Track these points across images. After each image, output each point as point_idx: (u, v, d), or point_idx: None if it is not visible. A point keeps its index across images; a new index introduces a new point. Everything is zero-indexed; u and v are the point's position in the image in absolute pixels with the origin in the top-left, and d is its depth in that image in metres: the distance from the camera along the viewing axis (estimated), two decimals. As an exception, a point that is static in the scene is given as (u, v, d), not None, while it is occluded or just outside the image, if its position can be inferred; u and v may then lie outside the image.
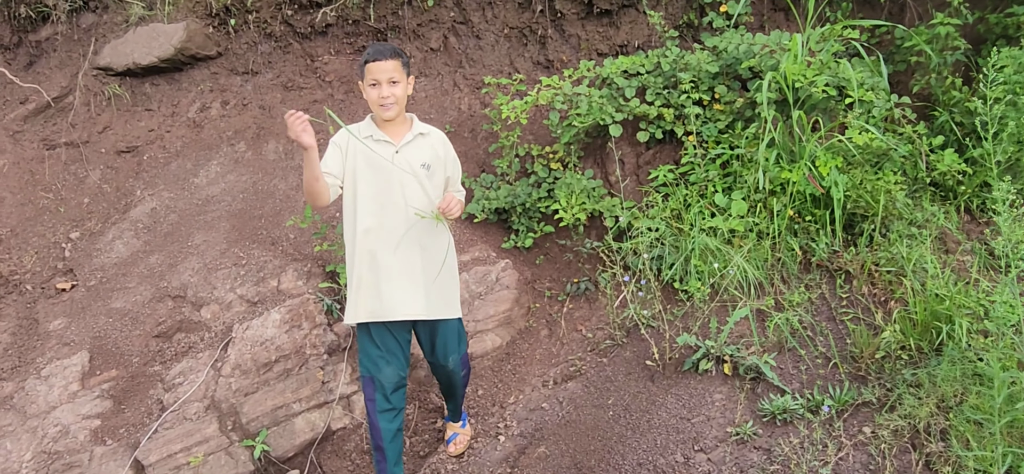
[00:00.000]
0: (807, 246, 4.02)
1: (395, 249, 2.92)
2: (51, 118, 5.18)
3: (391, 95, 2.82)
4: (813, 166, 3.96)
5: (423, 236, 2.98)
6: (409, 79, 2.93)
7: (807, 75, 3.98)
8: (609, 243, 4.37)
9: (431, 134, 3.04)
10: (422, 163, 2.96)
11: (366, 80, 2.84)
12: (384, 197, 2.90)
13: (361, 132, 2.93)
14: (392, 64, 2.82)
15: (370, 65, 2.81)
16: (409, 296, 2.94)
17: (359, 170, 2.93)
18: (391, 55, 2.82)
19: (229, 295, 3.97)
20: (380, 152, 2.90)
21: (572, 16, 5.09)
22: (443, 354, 3.11)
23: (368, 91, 2.84)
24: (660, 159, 4.66)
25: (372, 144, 2.90)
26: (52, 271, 4.43)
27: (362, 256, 2.95)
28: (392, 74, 2.82)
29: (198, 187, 4.83)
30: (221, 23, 5.22)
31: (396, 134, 2.94)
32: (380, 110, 2.85)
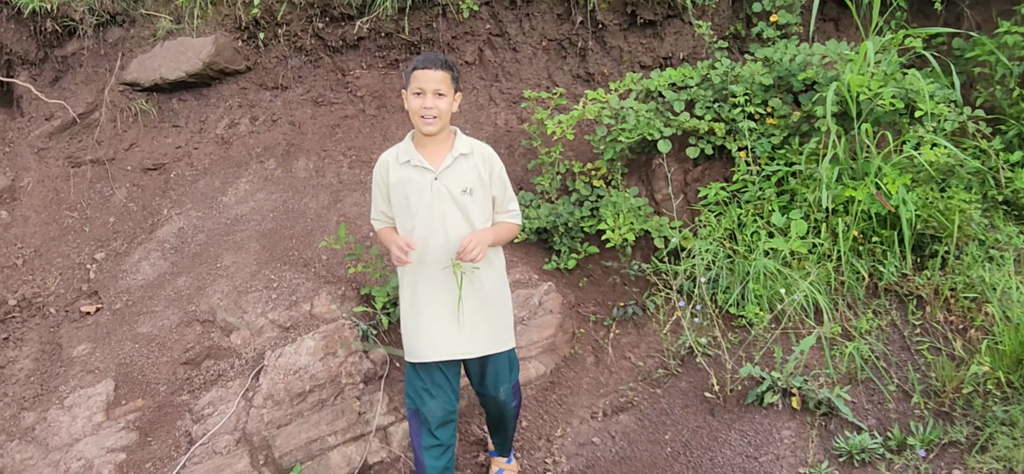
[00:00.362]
0: (873, 269, 3.76)
1: (437, 284, 2.71)
2: (77, 135, 5.04)
3: (434, 108, 2.60)
4: (879, 183, 3.71)
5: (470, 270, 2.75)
6: (457, 96, 2.72)
7: (871, 86, 3.74)
8: (658, 265, 4.13)
9: (473, 152, 2.78)
10: (463, 188, 2.71)
11: (411, 87, 2.63)
12: (425, 229, 2.69)
13: (400, 157, 2.73)
14: (441, 75, 2.61)
15: (417, 72, 2.60)
16: (452, 335, 2.73)
17: (401, 200, 2.74)
18: (441, 65, 2.62)
19: (260, 320, 3.78)
20: (418, 180, 2.69)
21: (614, 27, 4.88)
22: (494, 384, 2.87)
23: (411, 100, 2.63)
24: (709, 176, 4.43)
25: (410, 171, 2.70)
26: (76, 293, 4.26)
27: (405, 291, 2.79)
28: (439, 85, 2.60)
29: (226, 206, 4.66)
30: (250, 37, 5.07)
31: (436, 156, 2.71)
32: (421, 123, 2.63)
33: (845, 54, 3.88)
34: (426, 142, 2.70)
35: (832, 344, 3.47)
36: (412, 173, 2.69)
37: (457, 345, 2.74)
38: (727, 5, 4.90)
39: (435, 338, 2.70)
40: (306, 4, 4.93)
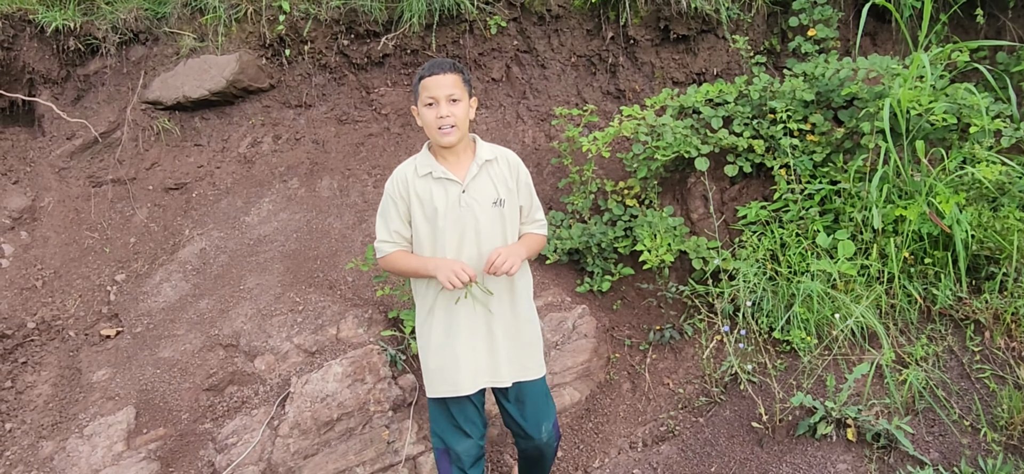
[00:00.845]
0: (926, 292, 3.58)
1: (472, 307, 2.52)
2: (98, 154, 4.97)
3: (450, 115, 2.39)
4: (932, 202, 3.54)
5: (505, 290, 2.57)
6: (472, 100, 2.53)
7: (922, 101, 3.58)
8: (697, 287, 3.97)
9: (498, 158, 2.58)
10: (494, 199, 2.52)
11: (421, 99, 2.44)
12: (456, 247, 2.48)
13: (419, 170, 2.51)
14: (451, 79, 2.41)
15: (426, 81, 2.41)
16: (488, 362, 2.55)
17: (424, 217, 2.50)
18: (450, 69, 2.43)
19: (285, 344, 3.65)
20: (444, 194, 2.47)
21: (645, 43, 4.75)
22: (535, 423, 2.65)
23: (424, 113, 2.44)
24: (748, 195, 4.27)
25: (432, 184, 2.48)
26: (96, 316, 4.15)
27: (436, 319, 2.55)
28: (452, 90, 2.40)
29: (249, 226, 4.55)
30: (274, 54, 4.98)
31: (460, 167, 2.51)
32: (438, 135, 2.42)
33: (892, 68, 3.72)
34: (446, 153, 2.50)
35: (886, 371, 3.29)
36: (435, 186, 2.48)
37: (497, 372, 2.56)
38: (762, 19, 4.77)
39: (478, 367, 2.53)
40: (331, 21, 4.85)
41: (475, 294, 2.50)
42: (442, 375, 2.54)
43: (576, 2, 4.74)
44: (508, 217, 2.55)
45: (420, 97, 2.44)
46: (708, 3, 4.42)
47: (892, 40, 5.12)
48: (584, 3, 4.71)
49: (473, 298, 2.49)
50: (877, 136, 3.71)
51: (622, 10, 4.61)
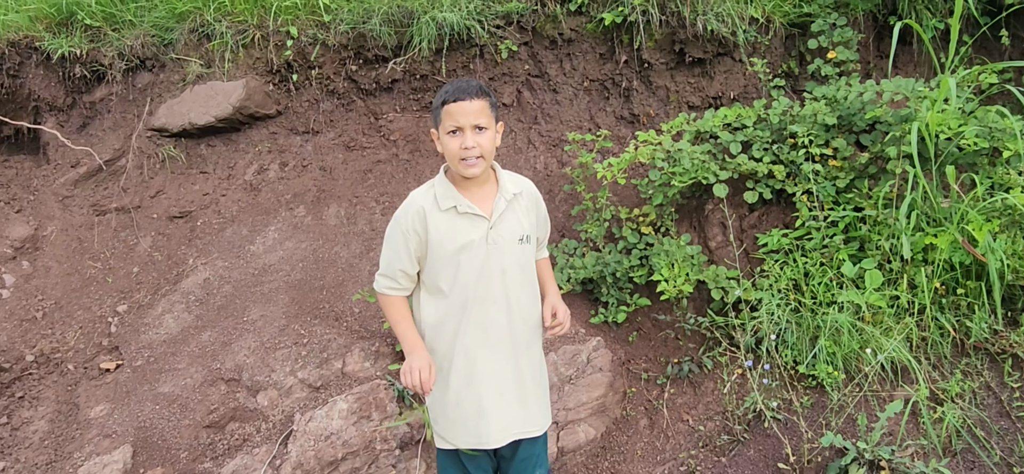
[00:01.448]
0: (959, 324, 3.41)
1: (498, 353, 2.31)
2: (102, 182, 4.88)
3: (476, 146, 2.14)
4: (964, 230, 3.38)
5: (530, 333, 2.41)
6: (498, 126, 2.29)
7: (951, 125, 3.44)
8: (717, 318, 3.81)
9: (523, 192, 2.38)
10: (520, 236, 2.31)
11: (444, 126, 2.18)
12: (484, 290, 2.25)
13: (440, 201, 2.25)
14: (478, 105, 2.15)
15: (450, 106, 2.15)
16: (520, 412, 2.37)
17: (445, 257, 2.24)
18: (477, 94, 2.16)
19: (288, 379, 3.51)
20: (471, 229, 2.25)
21: (660, 66, 4.64)
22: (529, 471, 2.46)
23: (446, 141, 2.18)
24: (768, 222, 4.12)
25: (457, 219, 2.24)
26: (96, 348, 4.04)
27: (456, 365, 2.31)
28: (478, 118, 2.15)
29: (254, 255, 4.44)
30: (282, 80, 4.91)
31: (484, 200, 2.27)
32: (462, 167, 2.17)
33: (919, 91, 3.59)
34: (468, 183, 2.26)
35: (919, 409, 3.12)
36: (460, 221, 2.24)
37: (529, 420, 2.38)
38: (779, 42, 4.65)
39: (508, 418, 2.32)
40: (340, 46, 4.77)
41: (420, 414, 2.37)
42: (464, 427, 2.32)
43: (589, 26, 4.64)
44: (529, 253, 2.40)
45: (442, 123, 2.19)
46: (724, 25, 4.31)
47: (913, 62, 4.99)
48: (597, 26, 4.61)
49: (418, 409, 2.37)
50: (904, 161, 3.56)
51: (636, 33, 4.51)
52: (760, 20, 4.46)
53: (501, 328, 2.30)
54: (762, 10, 4.44)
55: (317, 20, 4.73)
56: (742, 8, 4.35)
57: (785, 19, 4.55)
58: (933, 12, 4.67)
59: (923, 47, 4.84)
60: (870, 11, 4.76)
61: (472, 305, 2.27)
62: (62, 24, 4.92)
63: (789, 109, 4.04)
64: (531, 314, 2.40)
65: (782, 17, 4.53)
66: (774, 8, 4.48)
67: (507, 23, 4.67)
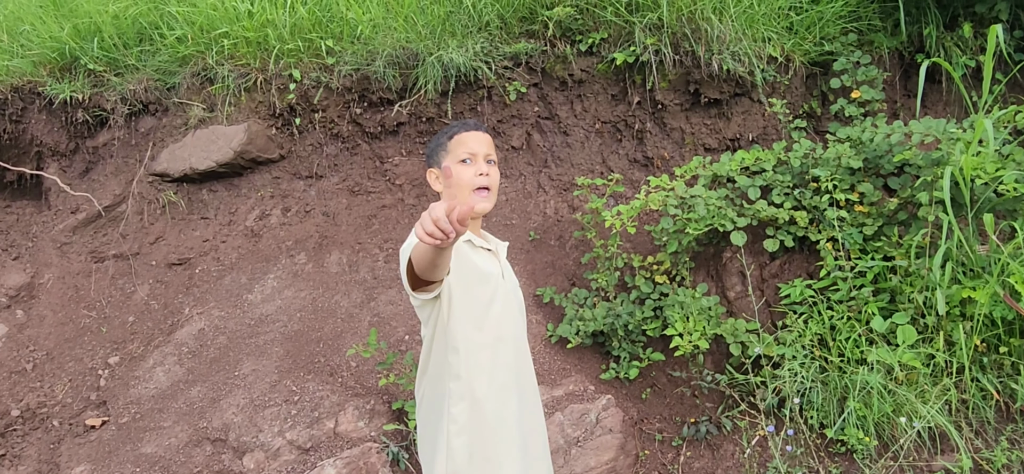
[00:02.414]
0: (1003, 386, 3.12)
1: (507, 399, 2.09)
2: (101, 228, 4.77)
3: (488, 175, 2.04)
4: (1006, 282, 3.11)
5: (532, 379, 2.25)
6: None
7: (987, 169, 3.19)
8: (736, 375, 3.55)
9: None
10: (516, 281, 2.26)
11: (453, 155, 2.05)
12: (500, 329, 2.06)
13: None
14: (488, 138, 2.10)
15: (463, 136, 2.06)
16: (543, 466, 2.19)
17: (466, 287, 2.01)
18: (485, 129, 2.14)
19: (277, 440, 3.30)
20: (488, 264, 2.07)
21: (674, 107, 4.44)
22: None
23: (460, 170, 2.02)
24: (789, 272, 3.87)
25: (474, 250, 2.04)
26: (84, 403, 3.87)
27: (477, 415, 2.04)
28: (489, 150, 2.07)
29: (252, 305, 4.27)
30: (285, 124, 4.79)
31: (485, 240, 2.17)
32: (474, 197, 2.02)
33: (951, 132, 3.35)
34: (472, 224, 2.12)
35: (962, 482, 2.83)
36: (479, 257, 2.06)
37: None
38: (800, 81, 4.44)
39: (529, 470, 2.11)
40: (343, 89, 4.65)
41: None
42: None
43: (600, 66, 4.47)
44: None
45: (451, 152, 2.06)
46: (741, 65, 4.11)
47: (943, 101, 4.74)
48: (609, 67, 4.44)
49: None
50: (937, 207, 3.31)
51: (649, 74, 4.33)
52: (779, 59, 4.26)
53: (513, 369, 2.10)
54: (781, 48, 4.24)
55: (320, 63, 4.62)
56: (760, 46, 4.15)
57: (806, 58, 4.35)
58: (963, 50, 4.45)
59: (952, 86, 4.60)
60: (896, 49, 4.55)
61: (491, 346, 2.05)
62: (65, 69, 4.86)
63: (811, 151, 3.81)
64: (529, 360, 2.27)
65: (802, 55, 4.33)
66: (794, 46, 4.28)
67: (515, 64, 4.52)
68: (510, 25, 4.48)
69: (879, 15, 4.45)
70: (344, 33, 4.58)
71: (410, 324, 4.03)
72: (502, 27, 4.49)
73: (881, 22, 4.47)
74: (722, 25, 4.07)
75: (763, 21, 4.20)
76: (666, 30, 4.15)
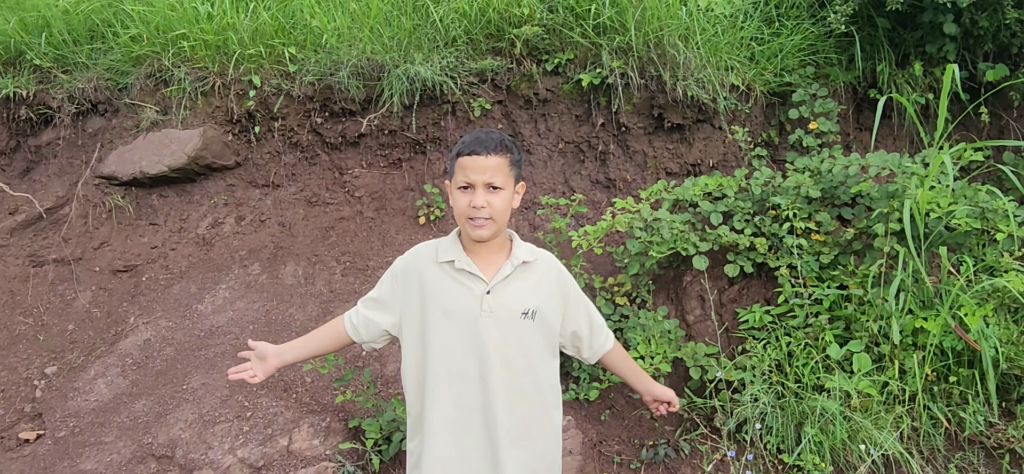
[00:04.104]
0: (952, 414, 3.21)
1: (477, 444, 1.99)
2: (42, 231, 4.55)
3: (486, 206, 1.91)
4: (956, 314, 3.21)
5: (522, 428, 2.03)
6: (518, 187, 2.04)
7: (941, 203, 3.29)
8: (695, 398, 3.57)
9: (539, 260, 2.10)
10: (524, 310, 2.00)
11: (456, 178, 1.96)
12: (466, 361, 1.98)
13: (439, 254, 2.03)
14: (496, 162, 1.91)
15: (463, 159, 1.92)
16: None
17: (431, 316, 1.99)
18: (496, 148, 1.92)
19: (227, 458, 3.17)
20: (462, 291, 2.00)
21: (638, 131, 4.49)
22: None
23: (457, 198, 1.96)
24: (747, 297, 3.93)
25: (451, 277, 2.01)
26: (17, 415, 3.66)
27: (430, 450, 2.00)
28: (493, 176, 1.91)
29: (202, 315, 4.12)
30: (242, 131, 4.66)
31: (490, 264, 2.03)
32: (469, 227, 1.95)
33: (907, 166, 3.45)
34: (476, 247, 2.02)
35: (914, 508, 2.89)
36: (454, 281, 2.00)
37: None
38: (760, 111, 4.54)
39: None
40: (305, 97, 4.55)
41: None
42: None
43: (565, 86, 4.48)
44: (540, 333, 2.05)
45: (454, 176, 1.97)
46: (704, 92, 4.18)
47: (893, 136, 4.91)
48: (574, 88, 4.46)
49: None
50: (892, 239, 3.40)
51: (614, 96, 4.36)
52: (741, 88, 4.34)
53: (482, 411, 1.98)
54: (743, 78, 4.33)
55: (282, 70, 4.52)
56: (722, 75, 4.23)
57: (766, 88, 4.45)
58: (913, 87, 4.61)
59: (903, 122, 4.77)
60: (850, 84, 4.69)
61: (457, 378, 1.98)
62: (9, 63, 4.65)
63: (771, 180, 3.89)
64: (528, 405, 2.05)
65: (763, 85, 4.42)
66: (755, 76, 4.37)
67: (481, 81, 4.50)
68: (477, 41, 4.47)
69: (835, 50, 4.59)
70: (308, 41, 4.49)
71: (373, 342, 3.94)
72: (469, 43, 4.47)
73: (837, 56, 4.61)
74: (688, 51, 4.13)
75: (726, 50, 4.29)
76: (633, 54, 4.20)
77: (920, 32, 4.41)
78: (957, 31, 4.19)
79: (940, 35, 4.29)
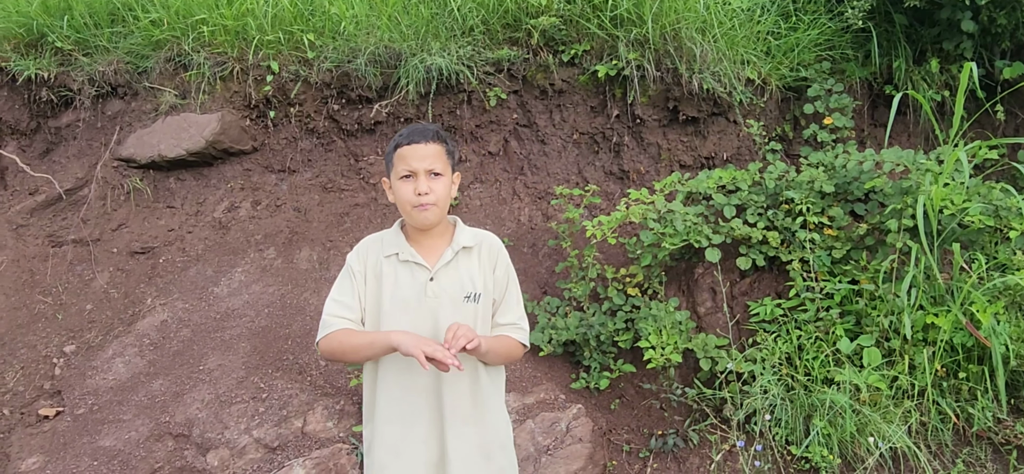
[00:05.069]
0: (961, 410, 3.22)
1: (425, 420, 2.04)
2: (61, 212, 4.62)
3: (430, 192, 1.98)
4: (968, 311, 3.22)
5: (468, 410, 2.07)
6: (455, 176, 2.10)
7: (955, 200, 3.30)
8: (705, 390, 3.60)
9: (480, 245, 2.13)
10: (467, 293, 2.05)
11: (396, 170, 2.01)
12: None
13: (385, 247, 2.08)
14: (433, 149, 1.99)
15: (403, 150, 1.99)
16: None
17: (384, 306, 2.03)
18: (433, 137, 2.01)
19: (243, 438, 3.23)
20: (409, 280, 2.04)
21: (652, 123, 4.50)
22: None
23: (399, 188, 2.01)
24: (759, 290, 3.94)
25: (398, 266, 2.05)
26: (37, 392, 3.73)
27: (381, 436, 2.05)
28: (432, 163, 1.98)
29: (218, 298, 4.17)
30: (259, 116, 4.70)
31: (432, 251, 2.07)
32: (415, 214, 2.00)
33: (921, 163, 3.46)
34: (419, 236, 2.08)
35: (921, 502, 2.91)
36: (401, 272, 2.05)
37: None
38: (775, 105, 4.54)
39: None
40: (322, 84, 4.59)
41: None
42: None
43: (581, 77, 4.50)
44: (479, 315, 2.08)
45: (394, 168, 2.03)
46: (720, 85, 4.18)
47: (908, 132, 4.90)
48: (589, 79, 4.48)
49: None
50: (905, 235, 3.41)
51: (629, 88, 4.37)
52: (756, 81, 4.35)
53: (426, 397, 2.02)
54: (758, 72, 4.33)
55: (300, 56, 4.56)
56: (738, 68, 4.24)
57: (782, 82, 4.45)
58: (929, 84, 4.60)
59: (918, 118, 4.76)
60: (866, 79, 4.68)
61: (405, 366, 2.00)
62: (31, 45, 4.70)
63: (785, 174, 3.90)
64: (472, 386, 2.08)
65: (779, 80, 4.43)
66: (771, 70, 4.38)
67: (497, 70, 4.52)
68: (494, 31, 4.49)
69: (852, 45, 4.58)
70: (326, 28, 4.53)
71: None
72: (486, 33, 4.49)
73: (853, 52, 4.60)
74: (705, 44, 4.14)
75: (743, 43, 4.29)
76: (650, 46, 4.21)
77: (937, 29, 4.40)
78: (975, 28, 4.18)
79: (958, 32, 4.28)
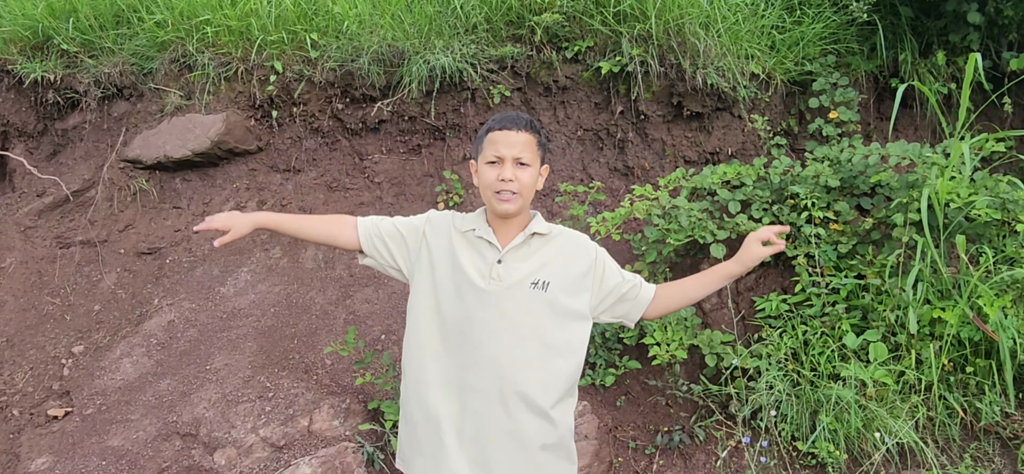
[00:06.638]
0: (968, 405, 3.21)
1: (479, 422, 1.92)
2: (69, 213, 4.64)
3: (515, 181, 1.95)
4: (975, 305, 3.20)
5: (532, 399, 1.93)
6: (543, 169, 2.08)
7: (961, 193, 3.28)
8: (710, 386, 3.60)
9: (557, 236, 2.08)
10: (534, 280, 1.97)
11: (485, 154, 2.00)
12: (467, 330, 1.94)
13: (462, 223, 2.07)
14: (524, 138, 1.97)
15: (494, 134, 1.97)
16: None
17: (444, 277, 1.99)
18: (525, 126, 1.98)
19: (250, 436, 3.25)
20: (476, 257, 2.01)
21: (656, 119, 4.49)
22: None
23: (485, 172, 1.99)
24: (765, 285, 3.93)
25: (470, 242, 2.03)
26: (46, 392, 3.76)
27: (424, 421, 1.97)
28: (522, 152, 1.95)
29: (224, 298, 4.19)
30: (264, 116, 4.72)
31: (506, 236, 2.04)
32: (496, 200, 1.97)
33: (927, 156, 3.44)
34: (499, 223, 2.04)
35: (928, 497, 2.90)
36: (471, 247, 2.02)
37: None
38: (780, 100, 4.52)
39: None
40: (326, 83, 4.60)
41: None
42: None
43: (585, 74, 4.49)
44: (552, 306, 1.98)
45: (483, 151, 2.01)
46: (724, 80, 4.17)
47: (914, 126, 4.88)
48: (593, 75, 4.47)
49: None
50: (911, 229, 3.39)
51: (633, 84, 4.37)
52: (761, 76, 4.33)
53: (487, 381, 1.93)
54: (763, 66, 4.32)
55: (304, 56, 4.56)
56: (743, 63, 4.22)
57: (786, 76, 4.43)
58: (936, 77, 4.58)
59: (924, 111, 4.74)
60: (871, 73, 4.66)
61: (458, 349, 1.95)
62: (37, 48, 4.73)
63: (790, 169, 3.88)
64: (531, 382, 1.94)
65: (783, 74, 4.41)
66: (775, 65, 4.36)
67: (500, 68, 4.52)
68: (497, 28, 4.49)
69: (857, 39, 4.56)
70: (329, 27, 4.53)
71: (386, 323, 4.00)
72: (489, 30, 4.49)
73: (859, 46, 4.58)
74: (709, 39, 4.13)
75: (747, 38, 4.27)
76: (653, 42, 4.20)
77: (944, 21, 4.37)
78: (981, 20, 4.15)
79: (964, 24, 4.26)
